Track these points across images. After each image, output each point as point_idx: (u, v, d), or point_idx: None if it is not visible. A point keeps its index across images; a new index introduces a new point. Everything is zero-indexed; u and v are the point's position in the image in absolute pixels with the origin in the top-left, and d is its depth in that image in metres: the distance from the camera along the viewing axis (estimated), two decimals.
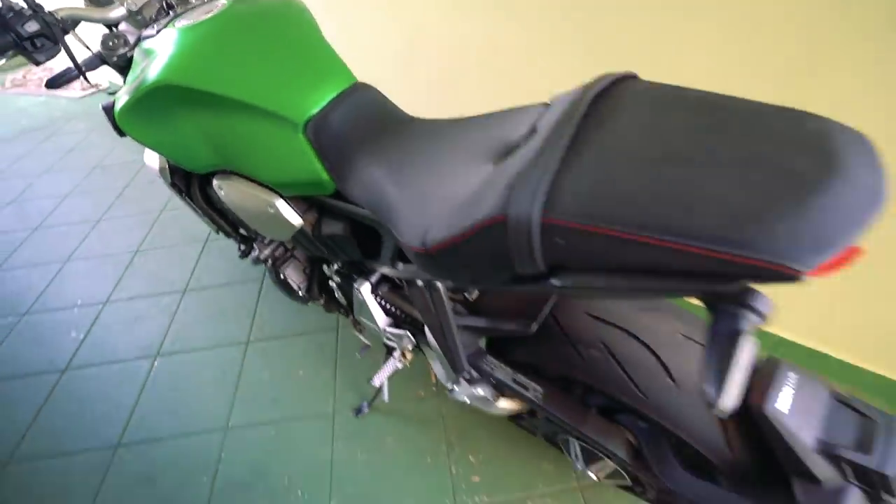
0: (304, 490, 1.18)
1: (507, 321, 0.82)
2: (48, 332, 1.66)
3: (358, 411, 1.32)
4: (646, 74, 0.56)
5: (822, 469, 0.58)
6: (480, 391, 0.89)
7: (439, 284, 0.77)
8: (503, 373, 0.86)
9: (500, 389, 0.89)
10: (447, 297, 0.79)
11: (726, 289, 0.39)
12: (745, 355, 0.39)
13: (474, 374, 0.86)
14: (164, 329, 1.62)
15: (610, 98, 0.51)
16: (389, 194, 0.67)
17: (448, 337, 0.81)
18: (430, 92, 1.64)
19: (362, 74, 0.83)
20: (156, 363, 1.51)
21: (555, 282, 0.47)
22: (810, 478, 0.58)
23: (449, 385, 0.96)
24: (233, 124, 0.82)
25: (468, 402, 0.94)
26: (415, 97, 1.69)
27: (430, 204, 0.59)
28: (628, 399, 0.69)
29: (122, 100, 0.87)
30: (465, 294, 0.94)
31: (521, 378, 0.85)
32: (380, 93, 0.84)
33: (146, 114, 0.86)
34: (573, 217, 0.42)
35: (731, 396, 0.39)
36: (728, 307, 0.41)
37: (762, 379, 0.62)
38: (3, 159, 2.79)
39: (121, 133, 0.93)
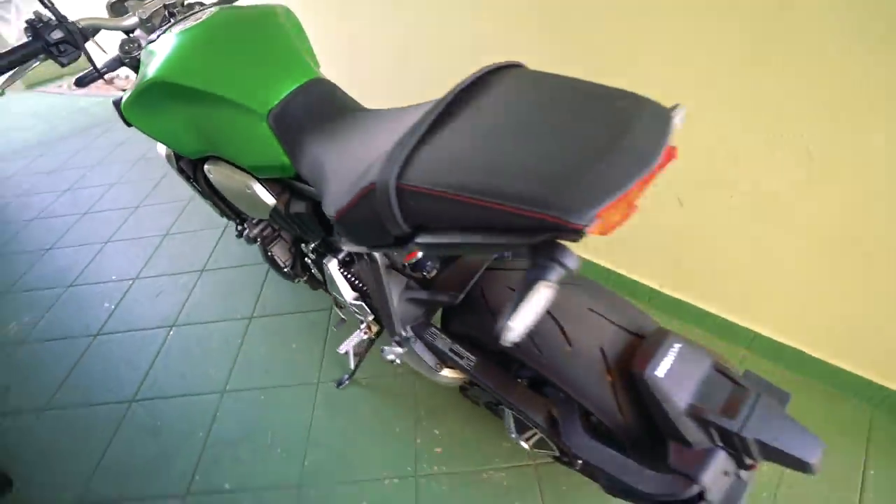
0: (284, 448, 1.30)
1: (441, 294, 0.90)
2: (86, 302, 1.88)
3: (339, 383, 1.43)
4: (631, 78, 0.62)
5: (693, 432, 0.62)
6: (400, 350, 0.98)
7: (376, 255, 0.86)
8: (442, 342, 0.94)
9: (442, 358, 0.97)
10: (384, 268, 0.87)
11: (532, 241, 0.45)
12: (538, 298, 0.46)
13: (406, 335, 0.95)
14: (182, 303, 1.81)
15: (487, 83, 0.59)
16: (323, 172, 0.76)
17: (382, 303, 0.89)
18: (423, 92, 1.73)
19: (364, 73, 0.88)
20: (171, 332, 1.70)
21: (418, 240, 0.55)
22: (683, 440, 0.62)
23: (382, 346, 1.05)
24: (213, 114, 0.95)
25: (397, 361, 1.03)
26: (408, 95, 1.78)
27: (345, 179, 0.68)
28: (532, 363, 0.75)
29: (126, 94, 1.02)
30: (424, 273, 1.02)
31: (458, 348, 0.92)
32: (336, 86, 0.94)
33: (145, 106, 1.01)
34: (419, 182, 0.50)
35: (513, 329, 0.45)
36: (540, 259, 0.47)
37: (648, 347, 0.66)
38: (64, 152, 3.14)
39: (128, 123, 1.08)
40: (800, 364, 1.28)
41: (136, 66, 1.15)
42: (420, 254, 1.04)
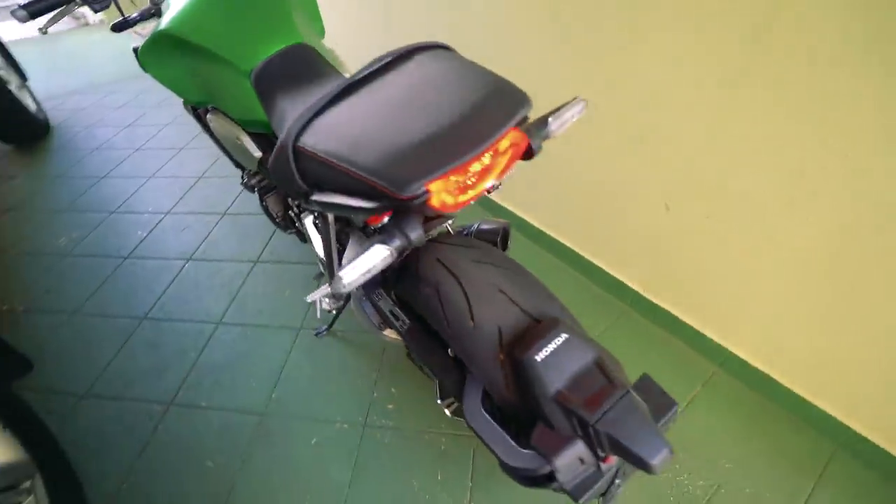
0: (257, 380, 1.44)
1: None
2: (123, 228, 2.12)
3: (318, 332, 1.54)
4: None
5: (557, 417, 0.65)
6: (329, 300, 1.07)
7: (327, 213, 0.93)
8: (385, 303, 1.00)
9: (384, 318, 1.03)
10: (333, 225, 0.94)
11: (380, 207, 0.50)
12: (370, 257, 0.50)
13: (357, 293, 1.02)
14: (201, 240, 1.99)
15: (405, 60, 0.62)
16: (279, 131, 0.83)
17: (326, 256, 0.96)
18: None
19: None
20: (186, 265, 1.88)
21: (312, 198, 0.61)
22: (547, 423, 0.65)
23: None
24: (208, 68, 1.04)
25: (332, 311, 1.12)
26: None
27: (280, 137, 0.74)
28: (442, 332, 0.79)
29: (142, 43, 1.12)
30: None
31: (397, 311, 0.98)
32: (317, 53, 1.00)
33: (155, 55, 1.11)
34: (309, 146, 0.56)
35: (341, 280, 0.50)
36: (388, 225, 0.51)
37: (536, 332, 0.69)
38: (132, 91, 3.44)
39: (145, 69, 1.20)
40: (769, 390, 1.23)
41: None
42: (386, 219, 1.10)
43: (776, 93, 0.90)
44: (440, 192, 0.44)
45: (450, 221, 1.09)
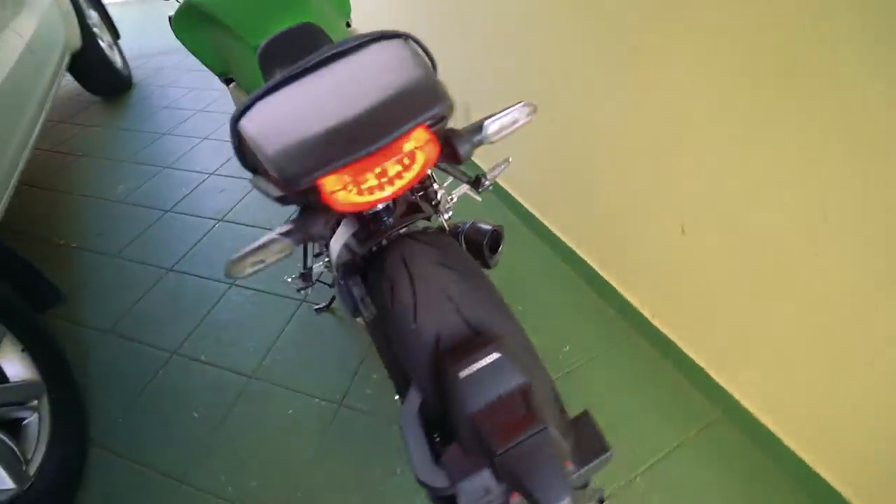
0: (254, 344, 1.50)
1: (359, 246, 0.95)
2: (172, 183, 2.28)
3: (317, 308, 1.58)
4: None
5: (468, 440, 0.61)
6: (300, 282, 1.19)
7: None
8: (358, 291, 1.00)
9: (354, 305, 1.03)
10: None
11: (282, 196, 0.48)
12: (264, 247, 0.49)
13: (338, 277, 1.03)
14: (234, 203, 2.10)
15: (357, 51, 0.60)
16: None
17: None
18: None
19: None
20: (217, 225, 2.00)
21: (250, 179, 0.61)
22: (462, 443, 0.62)
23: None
24: (225, 41, 1.07)
25: (294, 287, 1.23)
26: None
27: None
28: (388, 326, 0.78)
29: (174, 12, 1.18)
30: (382, 227, 1.08)
31: (367, 300, 0.98)
32: (323, 32, 0.99)
33: (184, 24, 1.16)
34: (244, 128, 0.55)
35: (231, 265, 0.49)
36: (296, 219, 0.50)
37: (469, 347, 0.65)
38: None
39: (178, 37, 1.26)
40: (773, 451, 1.10)
41: None
42: (380, 206, 1.09)
43: (812, 129, 0.78)
44: (335, 189, 0.43)
45: (446, 216, 1.06)
